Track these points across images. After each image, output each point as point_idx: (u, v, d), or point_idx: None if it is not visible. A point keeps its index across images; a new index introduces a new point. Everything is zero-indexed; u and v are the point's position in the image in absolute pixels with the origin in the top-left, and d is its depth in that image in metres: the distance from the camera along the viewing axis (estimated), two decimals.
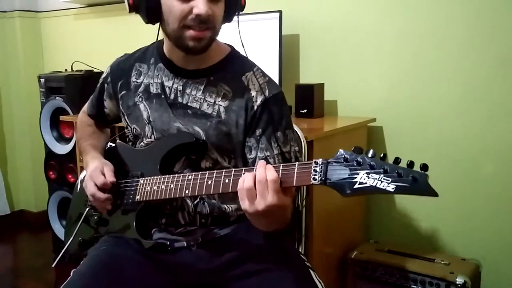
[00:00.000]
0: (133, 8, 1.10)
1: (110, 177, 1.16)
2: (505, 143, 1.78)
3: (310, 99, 1.97)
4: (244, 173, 0.93)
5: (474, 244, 1.87)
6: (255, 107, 1.12)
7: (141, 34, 1.20)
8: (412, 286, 1.68)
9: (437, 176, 0.79)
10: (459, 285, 1.59)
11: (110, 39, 2.88)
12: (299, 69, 2.21)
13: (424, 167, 0.76)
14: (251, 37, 2.01)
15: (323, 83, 2.06)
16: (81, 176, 1.39)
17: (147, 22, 1.12)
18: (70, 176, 2.63)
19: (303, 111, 1.97)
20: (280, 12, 2.01)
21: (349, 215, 1.97)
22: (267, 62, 1.97)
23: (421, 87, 1.93)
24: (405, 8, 1.93)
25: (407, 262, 1.73)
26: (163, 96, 1.18)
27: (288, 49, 2.14)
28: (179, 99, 1.17)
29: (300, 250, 1.43)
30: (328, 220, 1.77)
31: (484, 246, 1.85)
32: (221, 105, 1.14)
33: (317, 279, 1.08)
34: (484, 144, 1.82)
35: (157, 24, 1.13)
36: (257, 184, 0.89)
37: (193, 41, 1.07)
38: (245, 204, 0.91)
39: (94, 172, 1.17)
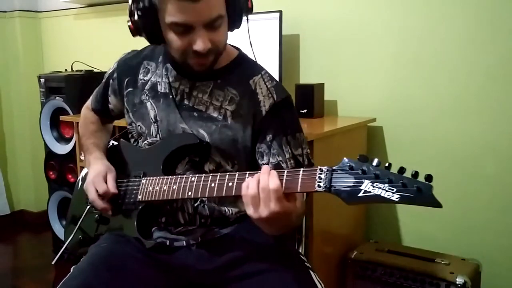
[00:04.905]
0: (135, 32, 1.10)
1: (112, 188, 1.16)
2: (506, 142, 1.78)
3: (310, 99, 1.97)
4: (247, 177, 0.93)
5: (474, 244, 1.87)
6: (264, 112, 1.12)
7: None
8: (412, 286, 1.68)
9: (437, 176, 0.79)
10: (459, 285, 1.59)
11: (110, 39, 2.88)
12: (299, 69, 2.21)
13: (429, 178, 0.76)
14: (251, 37, 2.01)
15: (323, 83, 2.06)
16: (82, 173, 1.39)
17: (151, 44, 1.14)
18: (70, 176, 2.63)
19: (303, 111, 1.97)
20: (280, 12, 2.01)
21: (349, 215, 1.97)
22: (267, 62, 1.97)
23: (421, 87, 1.93)
24: (405, 8, 1.93)
25: (407, 262, 1.73)
26: (171, 97, 1.18)
27: (288, 49, 2.14)
28: (186, 101, 1.17)
29: (300, 250, 1.44)
30: (328, 220, 1.77)
31: (484, 246, 1.85)
32: (227, 109, 1.14)
33: (317, 280, 1.08)
34: (484, 143, 1.82)
35: None
36: (260, 191, 0.89)
37: (197, 66, 1.08)
38: (249, 210, 0.91)
39: (97, 178, 1.16)
